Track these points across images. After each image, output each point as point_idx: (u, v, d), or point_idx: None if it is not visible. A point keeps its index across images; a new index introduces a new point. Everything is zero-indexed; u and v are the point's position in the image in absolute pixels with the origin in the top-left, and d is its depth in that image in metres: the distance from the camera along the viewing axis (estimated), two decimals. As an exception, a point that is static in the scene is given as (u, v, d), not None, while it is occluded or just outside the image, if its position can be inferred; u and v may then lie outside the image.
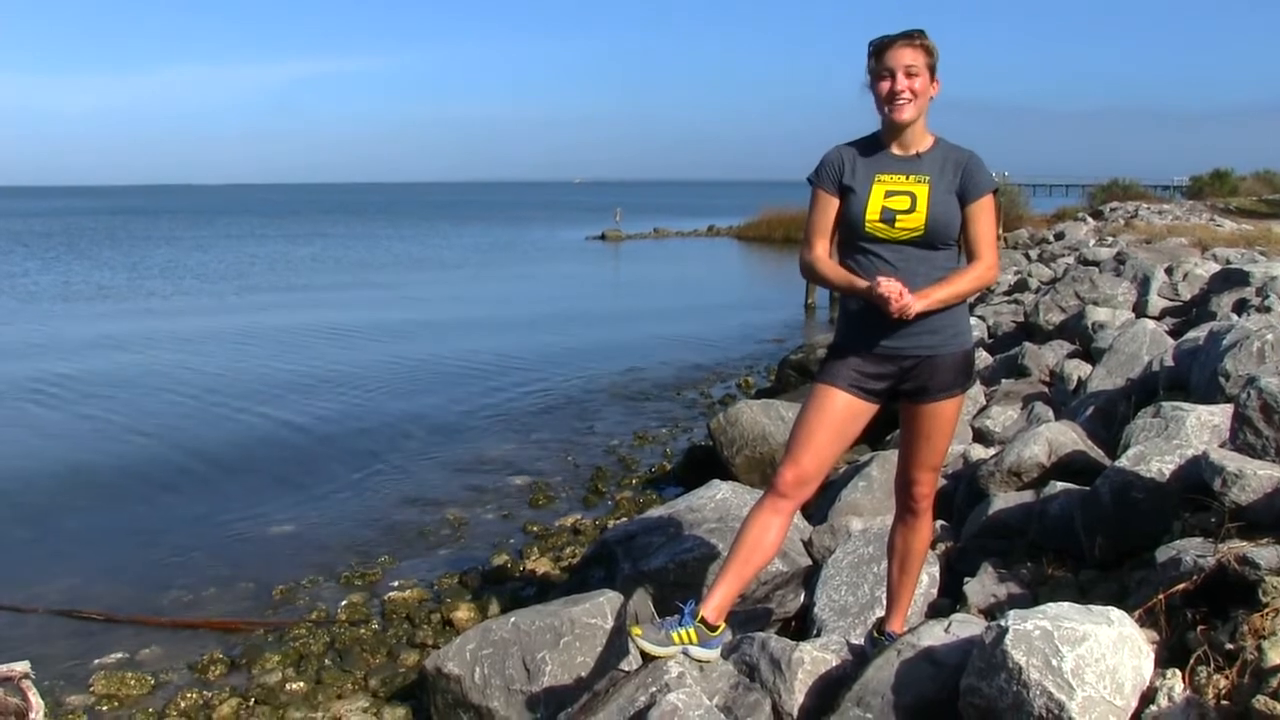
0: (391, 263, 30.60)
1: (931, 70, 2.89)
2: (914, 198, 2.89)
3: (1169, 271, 10.14)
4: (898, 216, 2.88)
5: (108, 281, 24.67)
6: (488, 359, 13.65)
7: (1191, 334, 6.34)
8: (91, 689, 4.83)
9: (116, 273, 26.98)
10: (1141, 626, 2.58)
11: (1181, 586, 2.74)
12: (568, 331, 16.29)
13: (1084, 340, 8.01)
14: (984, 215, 2.94)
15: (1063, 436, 4.62)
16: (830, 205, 3.00)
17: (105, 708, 4.72)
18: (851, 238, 2.98)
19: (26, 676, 3.55)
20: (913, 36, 2.87)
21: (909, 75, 2.85)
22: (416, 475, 8.42)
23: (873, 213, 2.90)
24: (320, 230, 49.25)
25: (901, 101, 2.86)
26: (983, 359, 8.65)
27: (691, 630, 2.99)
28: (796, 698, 3.00)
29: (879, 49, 2.89)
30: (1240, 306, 7.88)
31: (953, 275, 2.93)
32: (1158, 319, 8.31)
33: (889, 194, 2.91)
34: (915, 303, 2.79)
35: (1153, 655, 2.47)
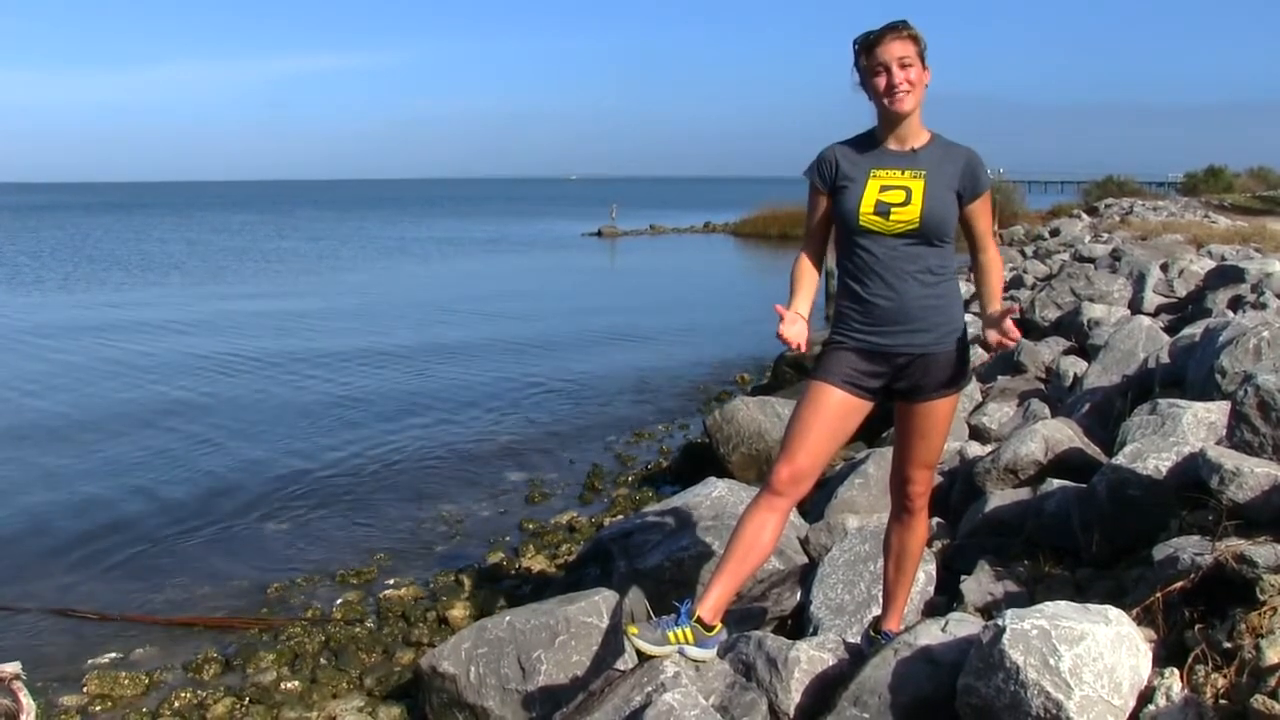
0: (390, 259, 30.57)
1: (922, 58, 2.88)
2: (909, 192, 2.88)
3: (1164, 268, 10.16)
4: (893, 209, 2.87)
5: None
6: (483, 356, 13.64)
7: (1187, 331, 6.34)
8: (85, 689, 4.80)
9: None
10: (1139, 625, 2.57)
11: (1179, 585, 2.73)
12: (563, 328, 16.27)
13: (1080, 337, 8.03)
14: (985, 211, 3.04)
15: (1059, 434, 4.61)
16: (819, 203, 3.04)
17: (99, 708, 4.69)
18: (845, 233, 2.97)
19: (17, 678, 3.51)
20: (899, 28, 2.86)
21: (903, 66, 2.84)
22: (411, 472, 8.39)
23: (867, 205, 2.89)
24: (299, 225, 49.19)
25: (901, 93, 2.85)
26: (978, 355, 8.64)
27: (688, 630, 2.97)
28: (793, 697, 2.99)
29: (867, 45, 2.88)
30: (1236, 303, 7.90)
31: (993, 281, 3.08)
32: (1153, 315, 8.32)
33: (884, 188, 2.90)
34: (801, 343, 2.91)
35: (1150, 654, 2.47)
